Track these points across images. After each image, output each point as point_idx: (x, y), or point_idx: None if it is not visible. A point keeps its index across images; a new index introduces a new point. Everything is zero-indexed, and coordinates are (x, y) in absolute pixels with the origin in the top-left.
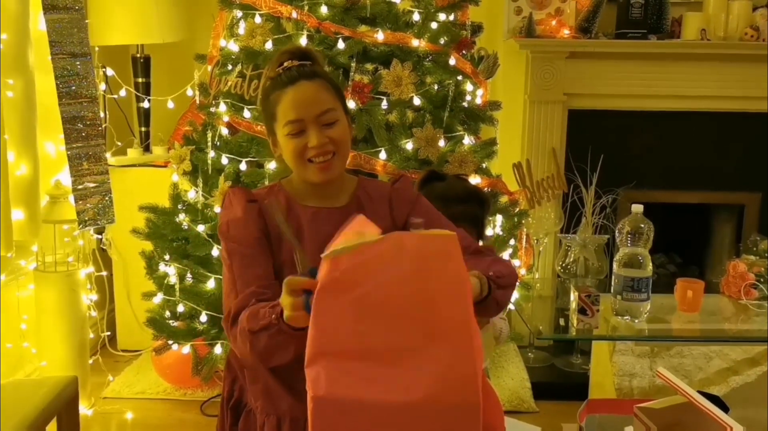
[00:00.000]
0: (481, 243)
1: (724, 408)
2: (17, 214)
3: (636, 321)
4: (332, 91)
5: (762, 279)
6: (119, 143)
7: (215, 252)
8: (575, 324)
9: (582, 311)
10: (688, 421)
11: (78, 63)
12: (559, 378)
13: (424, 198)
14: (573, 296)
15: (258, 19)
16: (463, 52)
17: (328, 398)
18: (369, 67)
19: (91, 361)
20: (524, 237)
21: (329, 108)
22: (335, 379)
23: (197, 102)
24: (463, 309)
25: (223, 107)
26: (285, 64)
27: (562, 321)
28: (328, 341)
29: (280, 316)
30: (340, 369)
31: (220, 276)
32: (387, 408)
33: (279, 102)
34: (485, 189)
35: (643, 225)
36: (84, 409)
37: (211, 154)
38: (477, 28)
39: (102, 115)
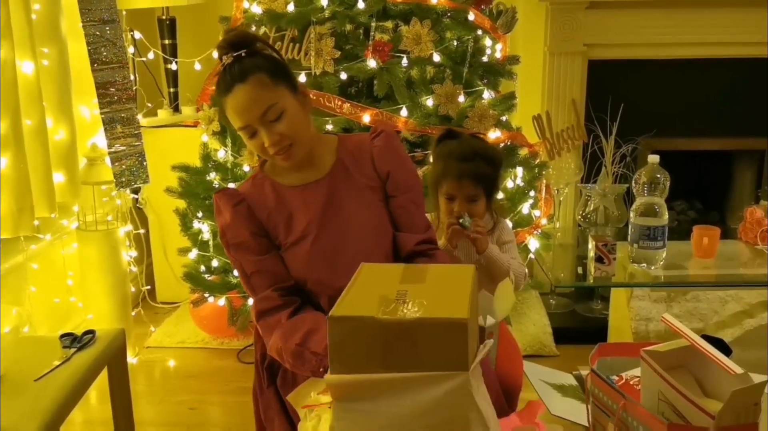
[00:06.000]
0: (500, 195)
1: (727, 351)
2: (58, 177)
3: (652, 268)
4: (269, 81)
5: None
6: (149, 104)
7: None
8: (593, 273)
9: (599, 259)
10: (692, 363)
11: (107, 29)
12: (580, 323)
13: (410, 162)
14: (591, 245)
15: None
16: (482, 7)
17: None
18: (389, 24)
19: (133, 313)
20: (544, 187)
21: (269, 105)
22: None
23: None
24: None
25: None
26: (223, 59)
27: (580, 270)
28: None
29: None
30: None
31: None
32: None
33: (225, 110)
34: (505, 142)
35: (659, 176)
36: (129, 358)
37: None
38: None
39: (132, 78)
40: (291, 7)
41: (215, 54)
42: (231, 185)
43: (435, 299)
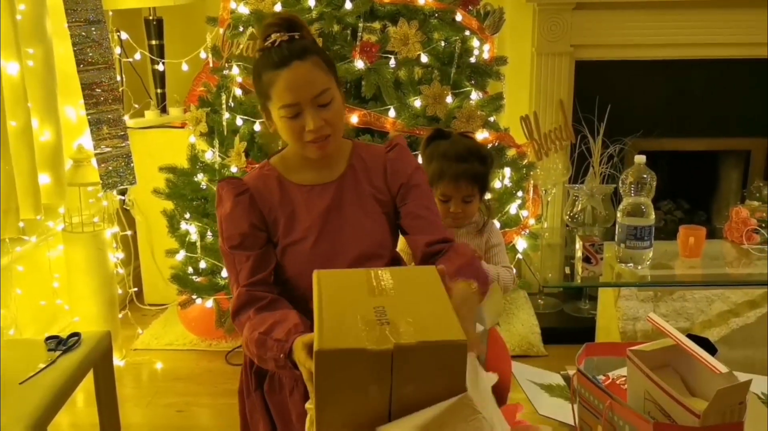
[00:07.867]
0: (488, 196)
1: (712, 350)
2: (44, 179)
3: (639, 268)
4: (325, 67)
5: (763, 224)
6: (136, 105)
7: None
8: (580, 273)
9: (586, 260)
10: (678, 362)
11: (93, 29)
12: (568, 323)
13: (422, 171)
14: (578, 245)
15: None
16: (469, 8)
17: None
18: (376, 25)
19: (120, 315)
20: (532, 187)
21: (324, 89)
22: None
23: (210, 65)
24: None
25: (235, 70)
26: (273, 36)
27: (567, 270)
28: None
29: (287, 354)
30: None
31: None
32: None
33: (273, 84)
34: (493, 143)
35: (645, 176)
36: (116, 360)
37: (226, 115)
38: None
39: (119, 78)
40: (278, 8)
41: (222, 37)
42: None
43: (420, 316)
